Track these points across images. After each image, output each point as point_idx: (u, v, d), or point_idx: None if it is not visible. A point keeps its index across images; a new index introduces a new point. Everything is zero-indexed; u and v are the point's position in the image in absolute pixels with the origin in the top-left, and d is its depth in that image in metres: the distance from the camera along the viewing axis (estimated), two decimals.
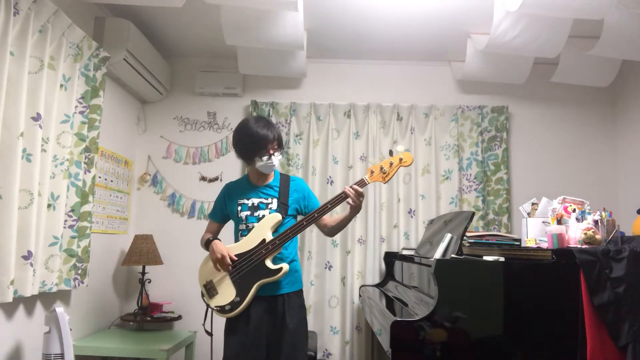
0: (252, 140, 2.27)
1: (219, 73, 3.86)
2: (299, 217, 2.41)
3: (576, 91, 3.89)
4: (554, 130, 3.90)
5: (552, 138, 3.89)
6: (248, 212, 2.34)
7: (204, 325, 2.35)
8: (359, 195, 2.19)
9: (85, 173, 2.80)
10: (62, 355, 2.32)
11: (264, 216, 2.31)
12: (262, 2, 2.78)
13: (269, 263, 2.22)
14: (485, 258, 2.08)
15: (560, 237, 2.22)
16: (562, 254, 1.99)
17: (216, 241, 2.32)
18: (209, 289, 2.30)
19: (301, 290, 2.37)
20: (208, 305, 2.30)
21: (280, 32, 3.14)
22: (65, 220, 2.66)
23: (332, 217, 2.41)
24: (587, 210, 2.39)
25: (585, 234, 2.15)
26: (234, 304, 2.21)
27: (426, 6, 3.12)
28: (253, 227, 2.30)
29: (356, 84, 3.95)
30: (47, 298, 2.63)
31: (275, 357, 2.21)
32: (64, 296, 2.82)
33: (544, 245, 2.39)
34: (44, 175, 2.43)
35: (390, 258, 3.47)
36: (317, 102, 3.83)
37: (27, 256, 2.29)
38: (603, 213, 2.29)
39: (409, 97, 3.88)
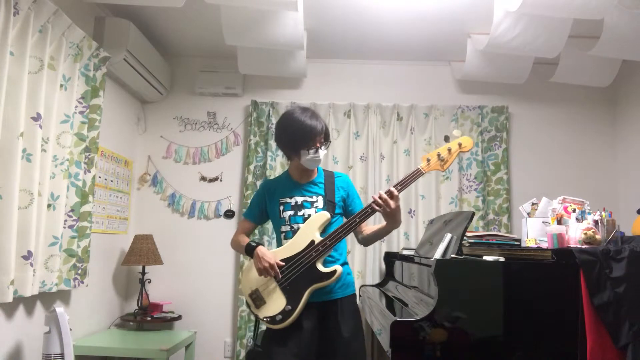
0: (300, 131, 2.05)
1: (219, 73, 3.86)
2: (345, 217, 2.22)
3: (576, 91, 3.89)
4: (554, 130, 3.90)
5: (552, 138, 3.89)
6: (291, 212, 2.13)
7: (254, 339, 2.16)
8: (391, 201, 1.96)
9: (85, 173, 2.80)
10: (62, 355, 2.32)
11: (309, 215, 2.10)
12: (262, 2, 2.78)
13: (320, 266, 2.01)
14: (485, 258, 2.08)
15: (560, 237, 2.22)
16: (562, 254, 1.99)
17: (261, 247, 2.08)
18: (255, 299, 2.06)
19: (354, 295, 2.18)
20: (256, 317, 2.07)
21: (280, 32, 3.14)
22: (65, 220, 2.66)
23: (369, 226, 2.22)
24: (587, 210, 2.39)
25: (585, 234, 2.15)
26: (285, 313, 1.99)
27: (426, 6, 3.12)
28: (298, 228, 2.10)
29: (356, 84, 3.95)
30: (47, 298, 2.64)
31: None
32: (64, 296, 2.82)
33: (544, 245, 2.39)
34: (44, 175, 2.43)
35: (390, 258, 3.47)
36: (317, 102, 3.83)
37: (27, 256, 2.29)
38: (603, 213, 2.29)
39: (409, 97, 3.88)
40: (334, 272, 2.01)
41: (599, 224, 2.25)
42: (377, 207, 1.98)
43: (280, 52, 3.50)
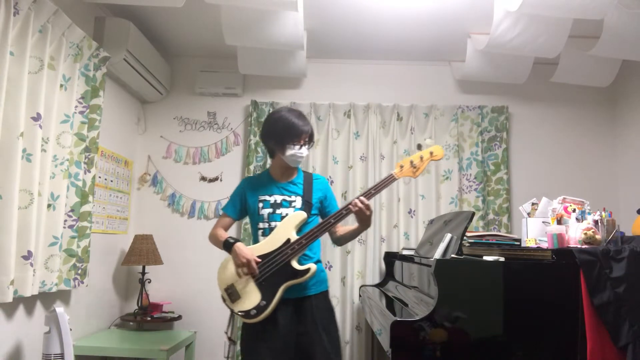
0: (286, 127, 2.19)
1: (219, 73, 3.86)
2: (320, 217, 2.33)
3: (576, 91, 3.89)
4: (554, 130, 3.90)
5: (552, 138, 3.89)
6: (270, 210, 2.23)
7: (226, 332, 2.25)
8: (366, 209, 2.09)
9: (85, 173, 2.80)
10: (62, 355, 2.32)
11: (287, 214, 2.20)
12: (262, 2, 2.78)
13: (295, 264, 2.11)
14: (485, 258, 2.08)
15: (560, 237, 2.22)
16: (562, 254, 1.99)
17: (239, 244, 2.17)
18: (231, 294, 2.16)
19: (328, 291, 2.29)
20: (232, 311, 2.17)
21: (280, 32, 3.14)
22: (65, 220, 2.66)
23: (342, 227, 2.33)
24: (587, 210, 2.39)
25: (585, 234, 2.15)
26: (259, 308, 2.08)
27: (426, 6, 3.12)
28: (275, 225, 2.19)
29: (356, 84, 3.95)
30: (47, 298, 2.64)
31: None
32: (64, 296, 2.82)
33: (544, 245, 2.39)
34: (44, 175, 2.43)
35: (390, 258, 3.47)
36: (317, 102, 3.83)
37: (27, 256, 2.29)
38: (603, 213, 2.29)
39: (409, 97, 3.88)
40: (308, 269, 2.11)
41: (599, 224, 2.25)
42: (353, 210, 2.10)
43: (280, 52, 3.51)
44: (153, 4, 2.81)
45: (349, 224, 2.30)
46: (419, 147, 2.22)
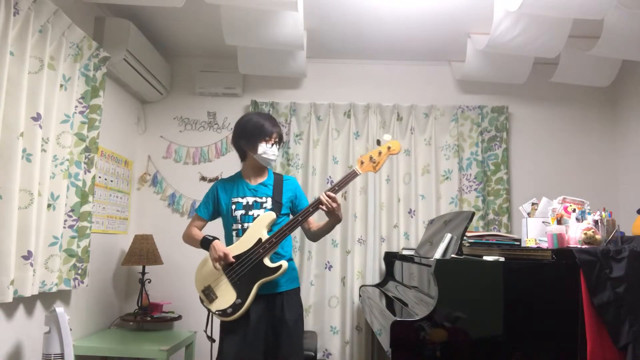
0: (256, 126, 2.30)
1: (219, 73, 3.86)
2: (291, 216, 2.41)
3: (576, 91, 3.89)
4: (554, 130, 3.90)
5: (552, 138, 3.89)
6: (242, 212, 2.32)
7: (205, 331, 2.33)
8: (332, 201, 2.18)
9: (85, 173, 2.80)
10: (62, 355, 2.32)
11: (258, 215, 2.29)
12: (262, 2, 2.78)
13: (267, 262, 2.21)
14: (485, 258, 2.08)
15: (560, 237, 2.22)
16: (562, 254, 1.99)
17: (217, 241, 2.28)
18: (208, 294, 2.27)
19: (299, 288, 2.38)
20: (209, 310, 2.27)
21: (280, 32, 3.14)
22: (65, 220, 2.66)
23: (317, 223, 2.42)
24: (587, 210, 2.39)
25: (585, 234, 2.15)
26: (235, 306, 2.19)
27: (426, 6, 3.12)
28: (248, 226, 2.28)
29: (356, 84, 3.95)
30: (47, 298, 2.63)
31: (273, 353, 2.22)
32: (64, 296, 2.82)
33: (544, 245, 2.39)
34: (44, 175, 2.43)
35: (390, 258, 3.47)
36: (317, 102, 3.83)
37: (27, 256, 2.29)
38: (603, 213, 2.29)
39: (409, 97, 3.88)
40: (280, 267, 2.20)
41: (599, 224, 2.25)
42: (321, 206, 2.19)
43: (280, 52, 3.51)
44: (153, 4, 2.81)
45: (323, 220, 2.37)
46: (378, 142, 2.30)
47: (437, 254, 2.31)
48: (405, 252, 3.20)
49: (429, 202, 3.72)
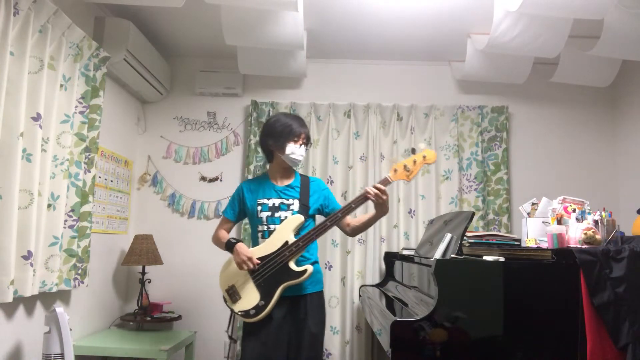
0: (285, 126, 2.30)
1: (219, 73, 3.86)
2: (318, 218, 2.41)
3: (576, 91, 3.89)
4: (554, 130, 3.90)
5: (552, 138, 3.89)
6: (269, 213, 2.31)
7: (227, 331, 2.34)
8: (382, 194, 2.18)
9: (85, 173, 2.80)
10: (62, 355, 2.32)
11: (285, 217, 2.28)
12: (262, 2, 2.78)
13: (292, 265, 2.20)
14: (485, 258, 2.08)
15: (560, 237, 2.22)
16: (562, 254, 1.99)
17: (240, 244, 2.27)
18: (232, 294, 2.26)
19: (322, 291, 2.38)
20: (232, 310, 2.27)
21: (280, 32, 3.14)
22: (65, 220, 2.66)
23: (355, 218, 2.41)
24: (587, 210, 2.39)
25: (585, 234, 2.15)
26: (258, 308, 2.18)
27: (426, 6, 3.12)
28: (274, 228, 2.28)
29: (356, 84, 3.95)
30: (47, 298, 2.63)
31: (295, 357, 2.22)
32: (64, 296, 2.82)
33: (544, 245, 2.39)
34: (44, 175, 2.43)
35: (390, 258, 3.47)
36: (317, 102, 3.83)
37: (27, 256, 2.29)
38: (603, 213, 2.29)
39: (409, 97, 3.88)
40: (305, 270, 2.19)
41: (599, 224, 2.25)
42: (371, 197, 2.17)
43: (280, 52, 3.51)
44: (153, 4, 2.81)
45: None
46: (413, 151, 2.29)
47: (437, 254, 2.31)
48: (405, 252, 3.20)
49: (429, 202, 3.72)
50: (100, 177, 3.23)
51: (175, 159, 3.88)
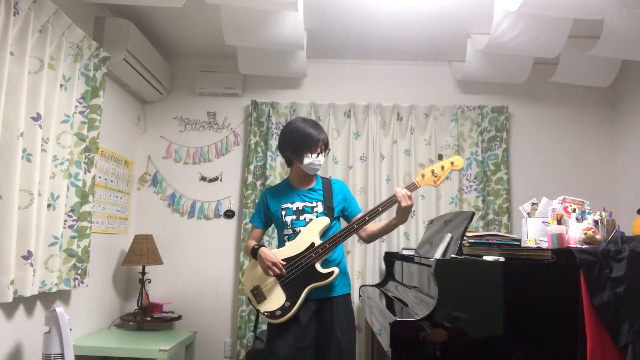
0: (302, 136, 2.28)
1: (219, 73, 3.86)
2: (343, 220, 2.42)
3: (576, 91, 3.89)
4: (554, 130, 3.90)
5: (552, 138, 3.89)
6: (293, 217, 2.32)
7: (254, 332, 2.35)
8: (409, 199, 2.17)
9: (85, 173, 2.80)
10: (62, 355, 2.32)
11: (310, 220, 2.29)
12: (262, 2, 2.78)
13: (319, 267, 2.20)
14: (485, 258, 2.08)
15: (560, 237, 2.22)
16: (562, 254, 1.99)
17: (263, 248, 2.26)
18: (257, 295, 2.25)
19: (349, 294, 2.37)
20: (258, 311, 2.26)
21: (280, 32, 3.14)
22: (65, 220, 2.66)
23: (374, 224, 2.40)
24: (587, 210, 2.39)
25: (585, 234, 2.15)
26: (284, 309, 2.18)
27: (426, 6, 3.12)
28: (300, 231, 2.28)
29: (356, 84, 3.95)
30: (47, 298, 2.63)
31: (322, 358, 2.21)
32: (64, 296, 2.82)
33: (544, 245, 2.39)
34: (44, 175, 2.43)
35: (390, 258, 3.46)
36: (317, 102, 3.83)
37: (27, 256, 2.29)
38: (603, 213, 2.29)
39: (409, 97, 3.88)
40: (332, 272, 2.19)
41: (599, 224, 2.25)
42: (401, 201, 2.16)
43: (280, 52, 3.51)
44: (153, 4, 2.81)
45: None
46: (440, 157, 2.31)
47: (437, 254, 2.31)
48: (405, 252, 3.20)
49: (429, 202, 3.72)
50: (100, 177, 3.23)
51: (175, 159, 3.88)
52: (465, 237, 2.65)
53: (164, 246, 3.66)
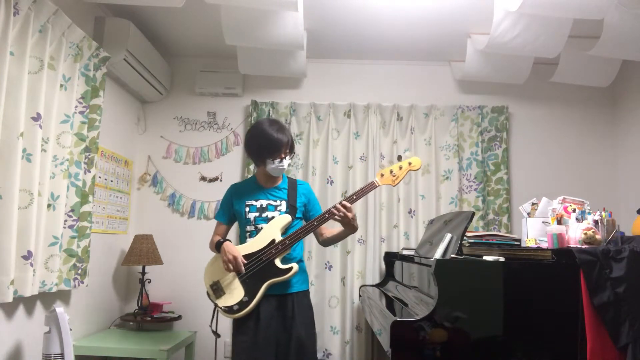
0: (266, 142, 2.29)
1: (219, 73, 3.86)
2: (304, 221, 2.44)
3: (576, 91, 3.89)
4: (554, 130, 3.90)
5: (552, 138, 3.89)
6: (256, 214, 2.35)
7: (210, 326, 2.35)
8: (348, 211, 2.20)
9: (85, 173, 2.80)
10: (62, 355, 2.32)
11: (272, 218, 2.32)
12: (262, 2, 2.78)
13: (278, 263, 2.23)
14: (485, 258, 2.08)
15: (560, 237, 2.22)
16: (562, 254, 1.99)
17: (227, 242, 2.30)
18: (216, 290, 2.28)
19: (308, 291, 2.41)
20: (216, 305, 2.29)
21: (280, 32, 3.14)
22: (65, 220, 2.66)
23: (329, 229, 2.45)
24: (587, 210, 2.39)
25: (585, 234, 2.15)
26: (242, 304, 2.21)
27: (426, 6, 3.12)
28: (261, 228, 2.31)
29: (356, 84, 3.95)
30: (47, 298, 2.63)
31: (284, 355, 2.23)
32: (64, 296, 2.82)
33: (544, 245, 2.39)
34: (44, 175, 2.43)
35: (390, 258, 3.47)
36: (317, 102, 3.83)
37: (27, 256, 2.29)
38: (603, 213, 2.29)
39: (409, 97, 3.88)
40: (291, 268, 2.23)
41: (599, 224, 2.25)
42: (335, 215, 2.21)
43: (280, 52, 3.51)
44: (153, 4, 2.81)
45: (336, 226, 2.39)
46: (399, 158, 2.34)
47: (437, 254, 2.31)
48: (405, 252, 3.20)
49: (429, 202, 3.72)
50: (100, 177, 3.23)
51: (175, 159, 3.88)
52: (465, 237, 2.65)
53: (164, 246, 3.66)
